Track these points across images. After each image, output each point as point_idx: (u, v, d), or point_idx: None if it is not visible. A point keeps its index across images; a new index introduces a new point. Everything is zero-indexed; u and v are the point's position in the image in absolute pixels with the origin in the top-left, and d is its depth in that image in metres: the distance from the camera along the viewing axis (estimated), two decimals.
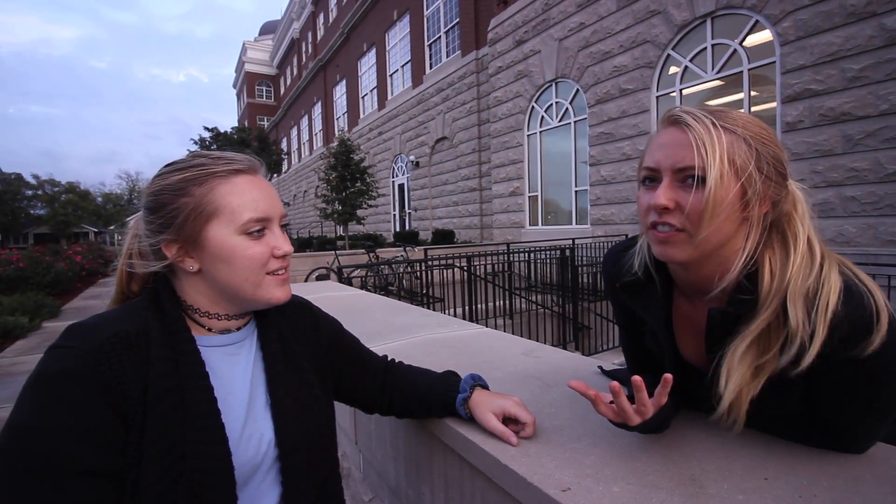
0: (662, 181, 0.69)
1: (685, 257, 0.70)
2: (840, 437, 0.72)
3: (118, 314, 0.68)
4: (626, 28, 7.98)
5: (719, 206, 0.65)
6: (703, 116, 0.68)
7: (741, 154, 0.66)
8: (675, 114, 0.70)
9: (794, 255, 0.67)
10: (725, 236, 0.69)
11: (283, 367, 0.79)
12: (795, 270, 0.66)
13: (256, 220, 0.71)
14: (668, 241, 0.70)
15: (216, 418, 0.66)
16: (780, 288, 0.66)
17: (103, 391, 0.59)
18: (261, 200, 0.72)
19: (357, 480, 1.56)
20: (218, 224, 0.70)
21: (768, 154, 0.68)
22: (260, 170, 0.78)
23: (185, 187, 0.70)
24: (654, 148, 0.72)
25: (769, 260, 0.68)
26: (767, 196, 0.68)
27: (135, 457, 0.60)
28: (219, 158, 0.73)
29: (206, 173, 0.71)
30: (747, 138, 0.67)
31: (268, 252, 0.73)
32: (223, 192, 0.70)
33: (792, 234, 0.69)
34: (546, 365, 1.27)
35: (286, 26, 34.84)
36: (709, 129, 0.66)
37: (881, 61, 5.07)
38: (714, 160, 0.65)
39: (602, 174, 8.59)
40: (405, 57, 16.78)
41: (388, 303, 2.51)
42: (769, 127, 0.71)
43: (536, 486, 0.69)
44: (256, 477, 0.72)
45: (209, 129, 19.25)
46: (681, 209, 0.67)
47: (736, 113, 0.70)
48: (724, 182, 0.65)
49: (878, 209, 5.21)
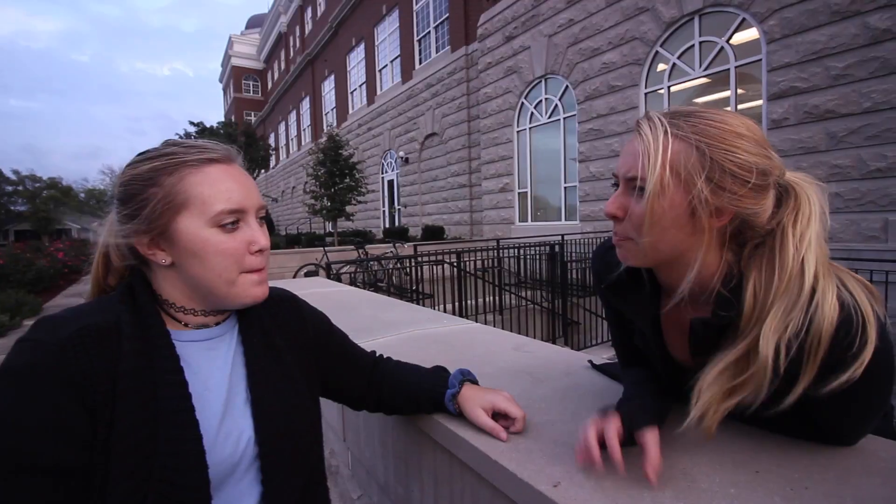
0: (619, 188, 0.71)
1: (639, 263, 0.73)
2: (830, 431, 0.72)
3: (91, 307, 0.66)
4: (614, 25, 8.01)
5: (658, 216, 0.64)
6: (660, 124, 0.65)
7: (689, 163, 0.63)
8: (637, 120, 0.69)
9: (780, 279, 0.61)
10: (675, 246, 0.67)
11: (265, 363, 0.76)
12: (777, 299, 0.61)
13: (229, 211, 0.68)
14: (621, 246, 0.72)
15: (189, 414, 0.63)
16: (760, 317, 0.62)
17: (70, 385, 0.57)
18: (234, 191, 0.69)
19: (346, 478, 1.54)
20: (188, 216, 0.67)
21: (729, 162, 0.62)
22: (236, 159, 0.74)
23: (155, 177, 0.67)
24: (620, 154, 0.72)
25: (754, 279, 0.63)
26: (723, 207, 0.63)
27: (103, 453, 0.58)
28: (191, 147, 0.70)
29: (176, 162, 0.68)
30: (701, 146, 0.62)
31: (243, 247, 0.69)
32: (194, 181, 0.67)
33: (782, 254, 0.62)
34: (536, 360, 1.26)
35: (273, 20, 34.41)
36: (657, 138, 0.64)
37: (865, 59, 5.15)
38: (654, 170, 0.63)
39: (591, 170, 8.63)
40: (394, 52, 16.68)
41: (376, 298, 2.49)
42: (748, 132, 0.64)
43: (526, 482, 0.68)
44: (234, 476, 0.70)
45: (195, 124, 18.94)
46: (629, 217, 0.69)
47: (708, 116, 0.65)
48: (666, 192, 0.63)
49: (861, 205, 5.30)
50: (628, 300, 0.84)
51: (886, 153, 5.08)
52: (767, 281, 0.62)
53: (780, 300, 0.61)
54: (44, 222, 41.89)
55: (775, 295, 0.61)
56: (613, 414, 0.71)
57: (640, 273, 0.80)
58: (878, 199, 5.18)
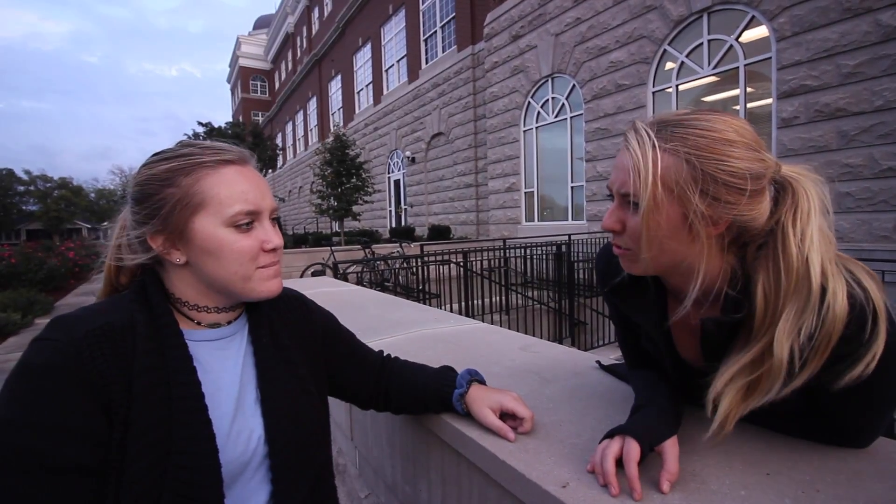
0: (614, 202, 0.71)
1: (642, 272, 0.73)
2: (841, 431, 0.71)
3: (104, 306, 0.67)
4: (622, 23, 7.96)
5: (654, 230, 0.64)
6: (647, 137, 0.64)
7: (680, 177, 0.62)
8: (625, 133, 0.69)
9: (787, 280, 0.60)
10: (675, 256, 0.67)
11: (275, 362, 0.77)
12: (788, 300, 0.60)
13: (246, 212, 0.69)
14: (624, 257, 0.73)
15: (203, 414, 0.64)
16: (773, 319, 0.61)
17: (85, 385, 0.58)
18: (250, 192, 0.70)
19: (353, 477, 1.55)
20: (205, 216, 0.68)
21: (721, 172, 0.61)
22: (250, 161, 0.75)
23: (172, 177, 0.68)
24: (613, 168, 0.72)
25: (763, 280, 0.63)
26: (720, 217, 0.63)
27: (118, 452, 0.59)
28: (208, 148, 0.71)
29: (193, 163, 0.69)
30: (690, 159, 0.62)
31: (257, 246, 0.71)
32: (211, 182, 0.68)
33: (785, 255, 0.61)
34: (544, 360, 1.26)
35: (280, 20, 34.56)
36: (646, 154, 0.63)
37: (876, 57, 5.08)
38: (647, 187, 0.63)
39: (598, 170, 8.59)
40: (401, 52, 16.68)
41: (383, 298, 2.50)
42: (738, 136, 0.63)
43: (535, 482, 0.68)
44: (245, 474, 0.70)
45: (203, 125, 19.06)
46: (626, 231, 0.69)
47: (695, 125, 0.64)
48: (659, 206, 0.63)
49: (873, 205, 5.23)
50: (632, 304, 0.84)
51: None
52: (776, 282, 0.62)
53: (791, 302, 0.60)
54: (55, 222, 42.40)
55: (785, 296, 0.61)
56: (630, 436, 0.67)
57: (644, 277, 0.80)
58: (891, 198, 5.11)
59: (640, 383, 0.85)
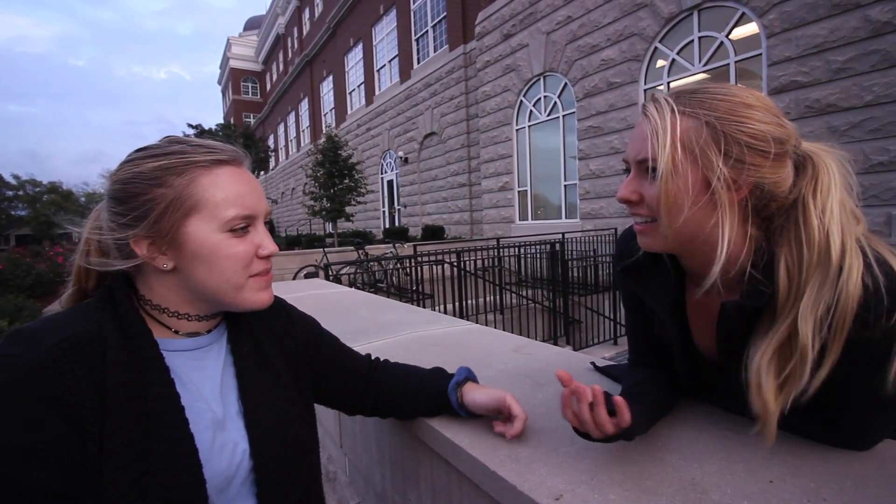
0: (630, 173, 0.69)
1: (663, 247, 0.70)
2: (845, 429, 0.68)
3: (68, 316, 0.61)
4: (613, 21, 7.96)
5: (674, 195, 0.63)
6: (666, 104, 0.64)
7: (700, 139, 0.61)
8: (644, 103, 0.68)
9: (809, 254, 0.59)
10: (699, 224, 0.65)
11: (256, 372, 0.73)
12: (811, 275, 0.59)
13: (242, 217, 0.65)
14: (644, 232, 0.70)
15: (184, 428, 0.60)
16: (798, 296, 0.60)
17: (55, 403, 0.53)
18: (247, 196, 0.66)
19: (343, 484, 1.51)
20: (199, 219, 0.63)
21: (742, 134, 0.61)
22: (244, 161, 0.70)
23: (162, 176, 0.62)
24: (629, 139, 0.70)
25: (785, 256, 0.61)
26: (743, 180, 0.62)
27: (94, 472, 0.54)
28: (200, 146, 0.66)
29: (186, 162, 0.64)
30: (711, 121, 0.61)
31: (252, 251, 0.67)
32: (206, 184, 0.63)
33: (807, 227, 0.60)
34: (537, 362, 1.22)
35: (271, 21, 34.37)
36: (664, 117, 0.63)
37: (865, 53, 5.11)
38: (665, 149, 0.61)
39: (591, 168, 8.59)
40: (392, 52, 16.63)
41: (374, 300, 2.45)
42: (758, 101, 0.63)
43: (527, 495, 0.64)
44: (230, 490, 0.66)
45: (193, 126, 18.88)
46: (645, 200, 0.67)
47: (713, 91, 0.64)
48: (679, 170, 0.62)
49: (863, 200, 5.23)
50: (647, 286, 0.81)
51: (889, 147, 5.04)
52: (798, 257, 0.60)
53: (814, 276, 0.59)
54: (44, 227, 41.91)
55: (808, 270, 0.59)
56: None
57: (661, 257, 0.77)
58: (881, 193, 5.14)
59: (629, 381, 0.84)
